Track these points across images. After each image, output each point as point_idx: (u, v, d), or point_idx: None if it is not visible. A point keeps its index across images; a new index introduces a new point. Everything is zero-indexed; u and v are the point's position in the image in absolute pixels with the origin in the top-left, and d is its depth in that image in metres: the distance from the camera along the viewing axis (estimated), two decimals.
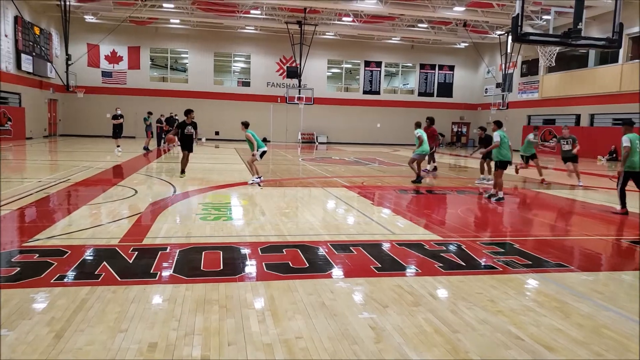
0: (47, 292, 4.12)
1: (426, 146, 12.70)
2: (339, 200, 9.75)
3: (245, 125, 11.66)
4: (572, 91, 28.85)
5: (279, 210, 8.36)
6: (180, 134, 12.62)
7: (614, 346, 3.49)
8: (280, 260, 5.32)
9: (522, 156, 14.37)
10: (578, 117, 28.59)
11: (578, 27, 10.54)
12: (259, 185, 11.29)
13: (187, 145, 12.71)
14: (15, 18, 26.34)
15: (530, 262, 5.55)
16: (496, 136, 10.16)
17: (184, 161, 12.75)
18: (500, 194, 10.16)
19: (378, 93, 38.93)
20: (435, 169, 16.00)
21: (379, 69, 38.88)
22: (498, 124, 10.68)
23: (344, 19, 31.82)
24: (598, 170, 19.01)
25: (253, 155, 11.55)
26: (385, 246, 6.10)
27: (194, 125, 12.79)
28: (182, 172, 12.63)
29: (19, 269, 4.71)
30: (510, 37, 28.62)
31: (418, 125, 13.08)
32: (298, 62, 32.98)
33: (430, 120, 15.10)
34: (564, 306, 4.23)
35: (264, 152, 11.66)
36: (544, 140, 24.31)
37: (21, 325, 3.47)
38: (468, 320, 3.83)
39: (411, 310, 3.99)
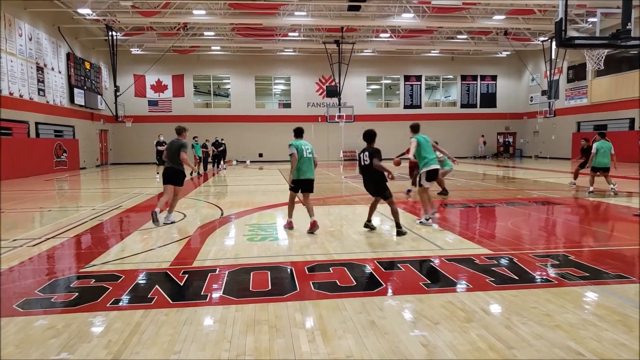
0: (104, 315, 4.25)
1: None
2: (383, 216, 9.66)
3: (415, 128, 8.86)
4: (624, 94, 27.76)
5: (324, 228, 8.35)
6: None
7: None
8: (327, 279, 5.30)
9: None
10: (632, 120, 27.46)
11: (627, 27, 10.19)
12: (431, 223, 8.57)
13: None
14: (68, 55, 27.79)
15: (587, 274, 5.32)
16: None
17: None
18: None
19: (419, 107, 38.66)
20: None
21: (419, 82, 38.68)
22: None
23: (381, 35, 31.92)
24: None
25: (421, 186, 8.59)
26: (434, 262, 5.99)
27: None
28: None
29: (77, 294, 4.89)
30: (554, 43, 27.94)
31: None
32: (337, 80, 33.23)
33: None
34: (627, 319, 4.02)
35: (433, 171, 8.65)
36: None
37: (81, 348, 3.58)
38: (524, 336, 3.69)
39: (463, 327, 3.88)
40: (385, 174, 7.63)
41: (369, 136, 8.08)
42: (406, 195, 12.78)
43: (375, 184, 7.77)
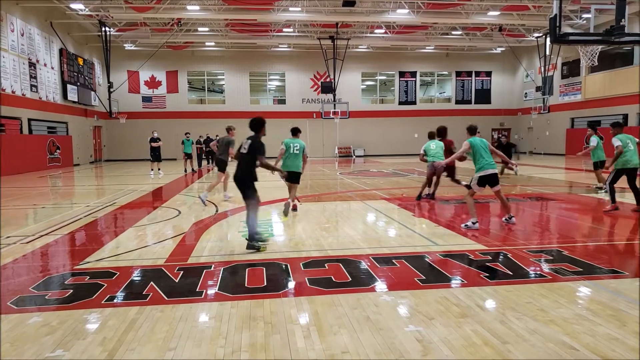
0: (99, 312, 4.24)
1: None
2: (379, 212, 9.69)
3: (471, 130, 8.41)
4: (617, 90, 27.89)
5: (319, 225, 8.36)
6: None
7: None
8: (322, 275, 5.30)
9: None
10: (625, 116, 27.58)
11: (621, 23, 10.24)
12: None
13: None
14: (60, 51, 27.61)
15: (581, 269, 5.35)
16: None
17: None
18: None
19: (414, 103, 38.69)
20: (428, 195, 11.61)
21: (414, 79, 38.68)
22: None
23: (376, 31, 31.88)
24: None
25: (470, 188, 8.34)
26: (429, 258, 6.00)
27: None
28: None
29: (71, 291, 4.87)
30: (548, 39, 27.95)
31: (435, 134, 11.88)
32: (332, 76, 33.17)
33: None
34: (620, 314, 4.05)
35: (488, 176, 8.22)
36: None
37: (76, 345, 3.57)
38: (518, 331, 3.71)
39: (458, 322, 3.90)
40: (277, 173, 6.93)
41: (256, 124, 6.95)
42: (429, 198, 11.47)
43: (243, 179, 6.55)
